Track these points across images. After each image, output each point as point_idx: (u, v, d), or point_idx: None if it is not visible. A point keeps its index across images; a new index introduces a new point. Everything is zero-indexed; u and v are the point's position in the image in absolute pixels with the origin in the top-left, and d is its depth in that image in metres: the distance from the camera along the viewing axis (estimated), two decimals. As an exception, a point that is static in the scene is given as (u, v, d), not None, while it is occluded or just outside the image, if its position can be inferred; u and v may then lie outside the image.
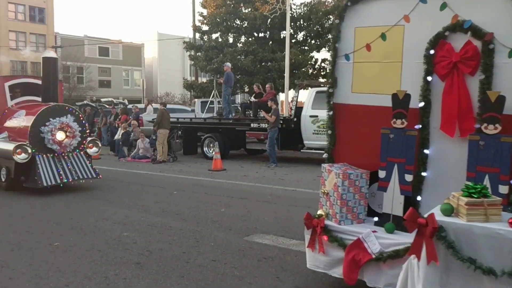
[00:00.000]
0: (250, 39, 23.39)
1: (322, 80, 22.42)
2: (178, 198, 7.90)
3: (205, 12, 24.42)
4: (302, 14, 23.01)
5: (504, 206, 2.92)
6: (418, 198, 3.43)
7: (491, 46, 3.13)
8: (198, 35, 25.77)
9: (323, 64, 23.75)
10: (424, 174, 3.42)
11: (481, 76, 3.18)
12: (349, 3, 3.81)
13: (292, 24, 21.12)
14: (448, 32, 3.31)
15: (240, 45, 23.55)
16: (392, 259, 3.17)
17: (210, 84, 22.13)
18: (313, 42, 23.46)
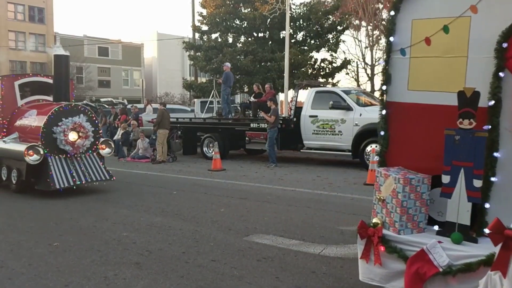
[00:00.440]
0: (250, 39, 23.38)
1: (321, 80, 22.45)
2: (178, 198, 7.90)
3: (204, 12, 24.42)
4: (302, 14, 23.00)
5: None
6: (486, 205, 3.15)
7: None
8: (197, 35, 25.75)
9: (322, 64, 23.74)
10: (493, 179, 3.13)
11: None
12: None
13: (291, 24, 21.12)
14: None
15: (240, 45, 23.53)
16: (463, 273, 2.87)
17: (209, 84, 22.12)
18: (312, 42, 23.45)
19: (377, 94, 24.58)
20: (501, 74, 3.09)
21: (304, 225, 5.86)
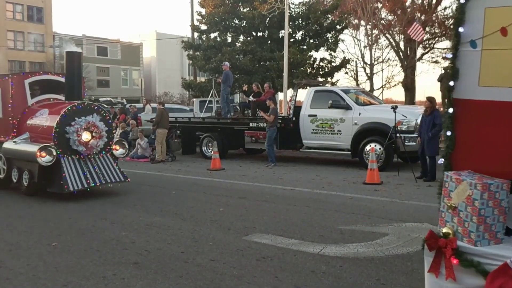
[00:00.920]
0: (249, 39, 23.35)
1: (320, 79, 22.44)
2: (177, 197, 7.89)
3: (203, 11, 24.38)
4: (301, 13, 22.97)
5: None
6: None
7: None
8: (196, 35, 25.70)
9: (321, 64, 23.72)
10: None
11: None
12: None
13: (290, 23, 21.08)
14: None
15: (239, 44, 23.49)
16: None
17: (208, 84, 22.08)
18: (311, 41, 23.41)
19: (376, 93, 24.59)
20: None
21: (303, 224, 5.86)
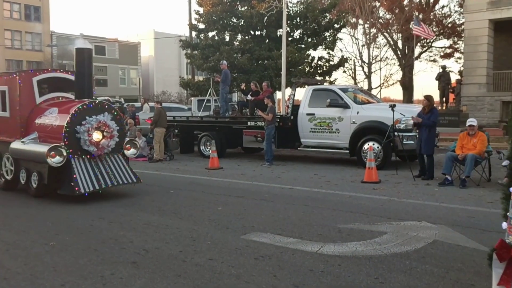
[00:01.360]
0: (247, 37, 23.33)
1: (318, 78, 22.44)
2: (175, 196, 7.88)
3: (201, 10, 24.35)
4: (299, 12, 22.96)
5: None
6: None
7: None
8: (194, 34, 25.68)
9: (319, 62, 23.73)
10: None
11: None
12: None
13: (288, 22, 21.08)
14: None
15: (237, 43, 23.47)
16: None
17: (206, 83, 22.08)
18: (309, 40, 23.40)
19: (374, 92, 24.60)
20: None
21: (301, 223, 5.85)
